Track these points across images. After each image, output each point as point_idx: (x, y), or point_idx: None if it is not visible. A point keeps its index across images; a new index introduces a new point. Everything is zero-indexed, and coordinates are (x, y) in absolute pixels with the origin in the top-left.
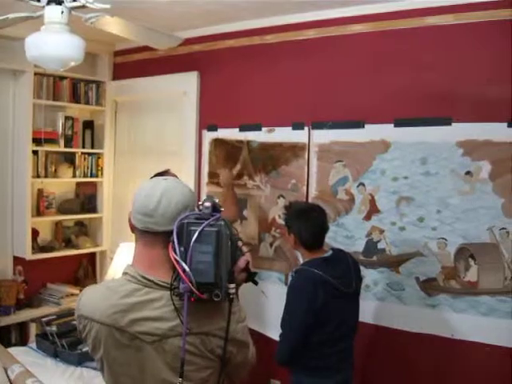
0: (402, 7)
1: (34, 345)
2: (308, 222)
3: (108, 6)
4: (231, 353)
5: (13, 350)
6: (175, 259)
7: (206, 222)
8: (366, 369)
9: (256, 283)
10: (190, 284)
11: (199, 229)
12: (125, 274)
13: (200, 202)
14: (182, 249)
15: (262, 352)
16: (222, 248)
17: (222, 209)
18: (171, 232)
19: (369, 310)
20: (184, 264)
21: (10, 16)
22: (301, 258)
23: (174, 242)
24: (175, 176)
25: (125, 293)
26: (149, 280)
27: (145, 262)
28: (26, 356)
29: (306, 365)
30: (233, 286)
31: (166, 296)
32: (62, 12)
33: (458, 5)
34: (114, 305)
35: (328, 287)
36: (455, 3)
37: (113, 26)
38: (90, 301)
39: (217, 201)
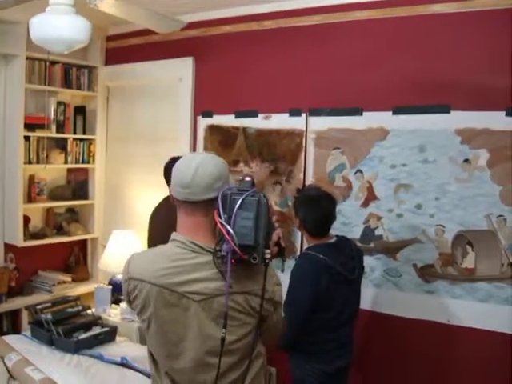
0: None
1: (28, 333)
2: (314, 210)
3: None
4: (269, 311)
5: (7, 338)
6: (220, 223)
7: (248, 193)
8: (363, 355)
9: (284, 259)
10: (233, 244)
11: (242, 197)
12: (173, 240)
13: (241, 177)
14: (226, 216)
15: None
16: (261, 216)
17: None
18: (209, 201)
19: (366, 297)
20: (228, 226)
21: None
22: (301, 243)
23: (219, 209)
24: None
25: (174, 257)
26: (197, 245)
27: (189, 228)
28: (20, 344)
29: (306, 350)
30: (268, 251)
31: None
32: None
33: None
34: (163, 268)
35: (331, 273)
36: None
37: (116, 8)
38: (139, 265)
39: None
